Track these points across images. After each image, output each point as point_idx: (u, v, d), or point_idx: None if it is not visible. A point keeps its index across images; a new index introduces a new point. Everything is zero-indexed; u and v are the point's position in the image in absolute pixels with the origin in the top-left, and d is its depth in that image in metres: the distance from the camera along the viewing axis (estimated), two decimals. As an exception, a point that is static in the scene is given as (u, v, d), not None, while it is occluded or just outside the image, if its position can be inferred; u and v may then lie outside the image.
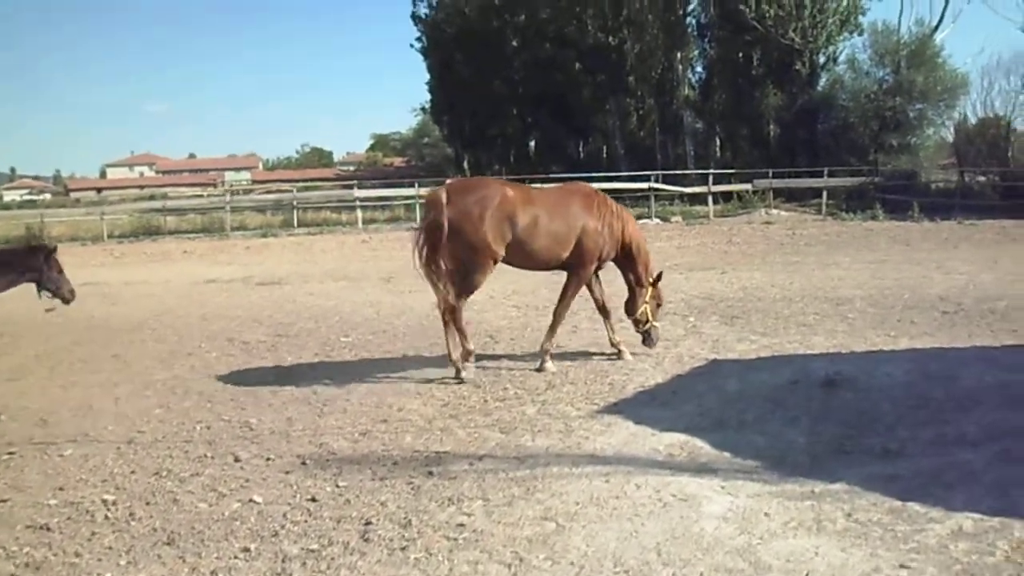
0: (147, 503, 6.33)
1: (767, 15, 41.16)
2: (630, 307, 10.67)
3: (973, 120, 43.19)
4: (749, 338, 11.47)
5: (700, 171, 39.90)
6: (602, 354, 10.72)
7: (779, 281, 16.78)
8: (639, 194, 33.79)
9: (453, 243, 9.24)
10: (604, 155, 53.05)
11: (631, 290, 10.72)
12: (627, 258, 10.54)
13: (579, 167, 44.84)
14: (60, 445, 7.84)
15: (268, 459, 7.20)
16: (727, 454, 6.75)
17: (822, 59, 43.71)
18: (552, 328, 10.26)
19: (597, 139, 54.97)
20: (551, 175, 37.86)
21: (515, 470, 6.63)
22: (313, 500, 6.25)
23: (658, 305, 10.83)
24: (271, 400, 9.26)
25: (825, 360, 9.73)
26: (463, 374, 9.61)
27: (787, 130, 43.81)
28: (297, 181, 77.85)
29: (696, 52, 49.94)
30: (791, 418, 7.63)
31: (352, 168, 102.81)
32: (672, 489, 5.99)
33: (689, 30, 49.21)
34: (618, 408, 8.22)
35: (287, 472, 6.87)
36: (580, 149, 56.86)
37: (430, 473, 6.66)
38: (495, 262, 9.63)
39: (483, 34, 53.79)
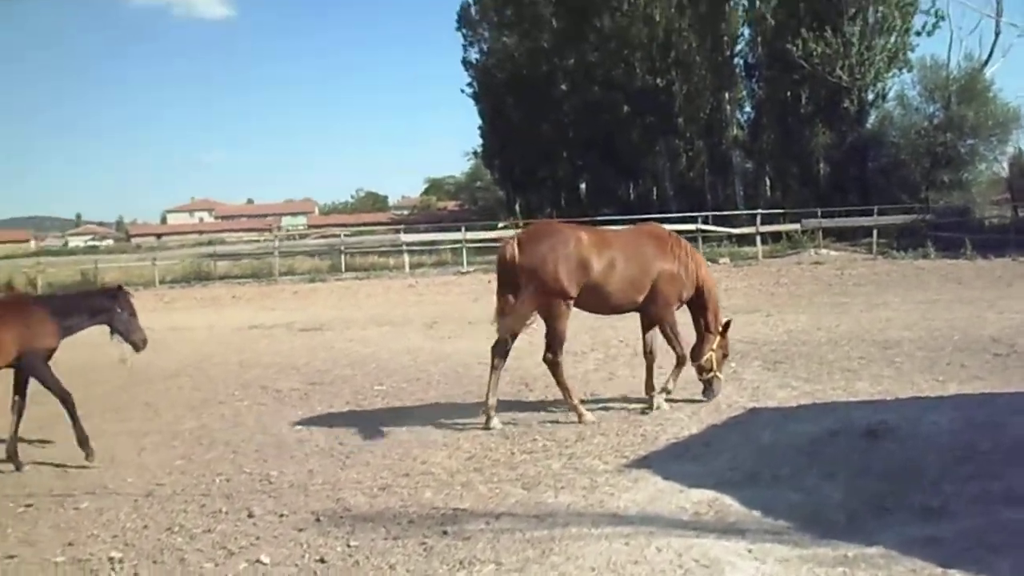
0: (154, 561, 6.20)
1: (814, 53, 40.69)
2: (696, 353, 10.40)
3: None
4: (791, 384, 11.10)
5: (748, 211, 39.44)
6: (640, 401, 10.38)
7: (825, 323, 16.34)
8: (687, 235, 33.28)
9: (528, 291, 9.15)
10: (654, 196, 52.68)
11: (699, 335, 10.48)
12: (698, 301, 10.39)
13: (629, 209, 44.52)
14: (77, 497, 7.76)
15: (282, 515, 7.03)
16: (757, 512, 6.42)
17: (871, 96, 43.12)
18: (676, 369, 10.33)
19: (647, 181, 54.61)
20: (601, 217, 37.58)
21: (533, 530, 6.36)
22: (322, 561, 6.06)
23: (724, 356, 10.61)
24: (295, 452, 9.10)
25: (868, 408, 9.35)
26: (492, 422, 9.50)
27: (837, 168, 43.23)
28: (351, 225, 78.57)
29: (744, 92, 49.50)
30: (828, 472, 7.27)
31: (406, 212, 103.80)
32: (695, 553, 5.68)
33: (737, 70, 48.80)
34: (647, 462, 7.91)
35: (300, 529, 6.69)
36: (630, 191, 56.58)
37: (444, 532, 6.44)
38: (569, 307, 9.45)
39: (532, 79, 54.14)
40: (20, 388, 8.76)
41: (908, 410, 9.18)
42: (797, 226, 33.83)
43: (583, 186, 60.44)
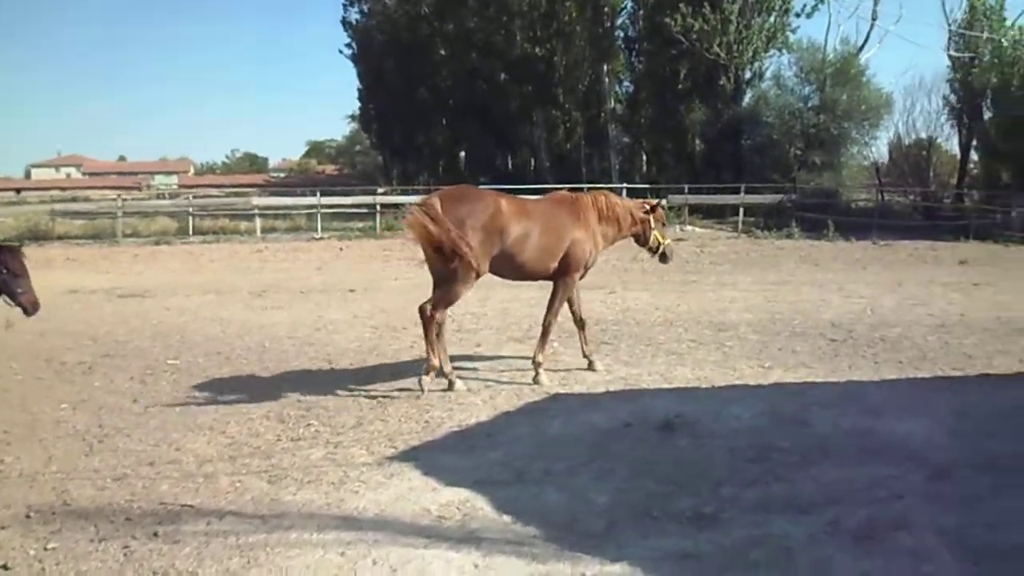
0: None
1: (692, 29, 40.41)
2: (641, 242, 11.00)
3: (907, 141, 42.96)
4: (608, 368, 10.39)
5: (614, 185, 38.94)
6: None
7: (666, 303, 15.79)
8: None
9: (439, 252, 8.84)
10: (532, 167, 52.07)
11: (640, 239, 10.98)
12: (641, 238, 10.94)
13: (506, 179, 43.62)
14: None
15: (-8, 509, 6.01)
16: (508, 517, 5.65)
17: (748, 75, 43.05)
18: (542, 339, 9.91)
19: (524, 151, 53.97)
20: (480, 187, 36.59)
21: (252, 533, 5.52)
22: (4, 568, 5.16)
23: (663, 225, 11.31)
24: (45, 434, 8.06)
25: (673, 398, 8.68)
26: (455, 385, 9.26)
27: (712, 146, 43.12)
28: (225, 186, 76.15)
29: (624, 65, 49.09)
30: (606, 470, 6.55)
31: (283, 175, 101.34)
32: (411, 570, 4.89)
33: (617, 43, 48.35)
34: (416, 453, 7.09)
35: (2, 528, 5.73)
36: (508, 161, 55.84)
37: (155, 534, 5.58)
38: (478, 275, 9.22)
39: (412, 42, 52.84)
40: None
41: (714, 401, 8.56)
42: (663, 202, 33.34)
43: (463, 155, 59.46)
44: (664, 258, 11.09)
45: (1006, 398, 8.85)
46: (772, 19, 43.08)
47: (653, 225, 10.84)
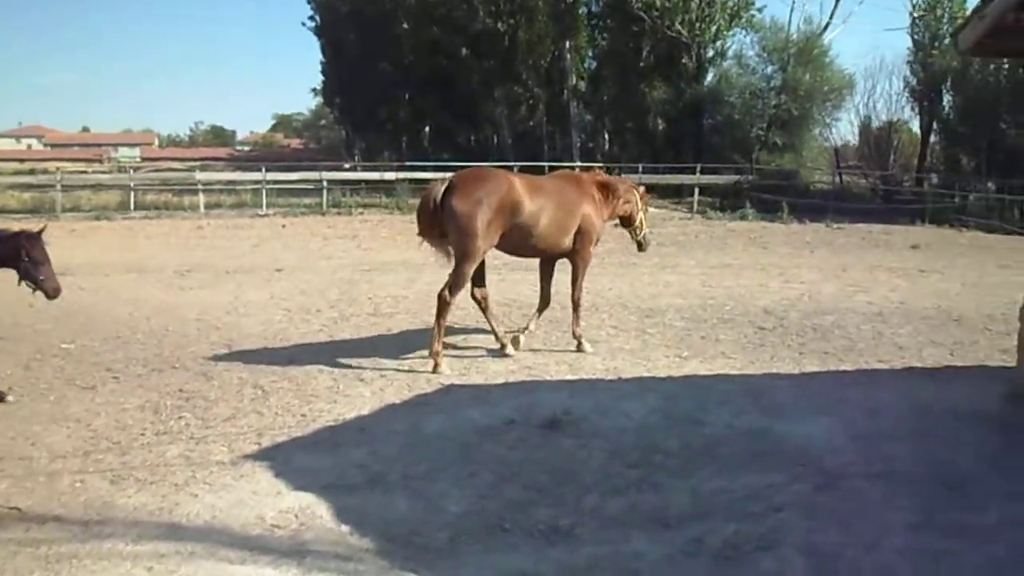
0: None
1: (654, 5, 39.90)
2: (626, 223, 11.57)
3: (877, 122, 42.71)
4: (515, 356, 9.93)
5: (569, 164, 38.44)
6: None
7: (598, 286, 15.27)
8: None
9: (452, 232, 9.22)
10: (495, 144, 51.41)
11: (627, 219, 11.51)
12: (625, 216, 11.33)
13: (469, 156, 42.99)
14: None
15: None
16: (346, 528, 5.20)
17: (710, 54, 42.64)
18: (575, 313, 10.55)
19: (487, 128, 53.27)
20: (441, 162, 36.10)
21: (67, 542, 5.08)
22: None
23: (646, 210, 11.85)
24: None
25: (566, 391, 8.23)
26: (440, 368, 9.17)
27: (673, 125, 42.65)
28: (188, 160, 75.01)
29: (587, 42, 48.44)
30: (469, 474, 6.09)
31: (248, 148, 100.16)
32: (216, 591, 4.40)
33: (581, 19, 47.69)
34: (275, 452, 6.62)
35: None
36: (471, 137, 55.11)
37: (-38, 543, 5.03)
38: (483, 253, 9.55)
39: (374, 15, 51.84)
40: None
41: (611, 395, 8.12)
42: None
43: (427, 130, 58.69)
44: (641, 246, 11.87)
45: (923, 395, 8.45)
46: (735, -2, 42.71)
47: (640, 207, 11.33)
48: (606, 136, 48.81)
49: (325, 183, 30.52)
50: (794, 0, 62.61)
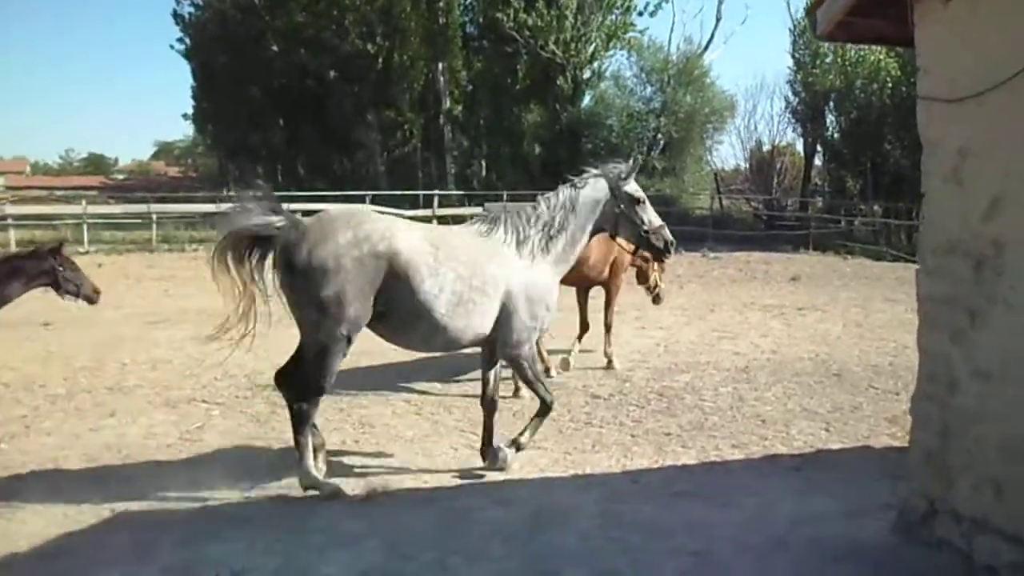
0: None
1: (526, 24, 37.86)
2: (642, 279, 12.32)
3: (757, 144, 41.19)
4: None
5: (444, 192, 36.22)
6: None
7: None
8: (354, 218, 29.19)
9: None
10: (368, 172, 48.78)
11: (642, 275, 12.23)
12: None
13: (342, 184, 40.24)
14: None
15: None
16: None
17: (587, 75, 40.80)
18: (607, 335, 11.36)
19: (362, 155, 50.59)
20: (313, 192, 33.36)
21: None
22: None
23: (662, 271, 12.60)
24: None
25: (247, 540, 5.53)
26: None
27: (550, 149, 40.53)
28: (56, 188, 70.56)
29: (461, 64, 46.16)
30: None
31: (123, 177, 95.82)
32: None
33: (455, 40, 45.42)
34: None
35: None
36: (345, 164, 52.36)
37: None
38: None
39: (244, 37, 49.14)
40: None
41: (315, 540, 5.45)
42: (479, 210, 30.36)
43: (304, 157, 55.98)
44: (658, 299, 12.54)
45: (779, 513, 6.04)
46: (614, 16, 41.05)
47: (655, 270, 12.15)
48: (482, 162, 46.56)
49: (155, 216, 27.32)
50: (674, 20, 62.00)
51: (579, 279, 10.35)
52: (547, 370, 10.24)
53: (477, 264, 6.50)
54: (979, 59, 4.77)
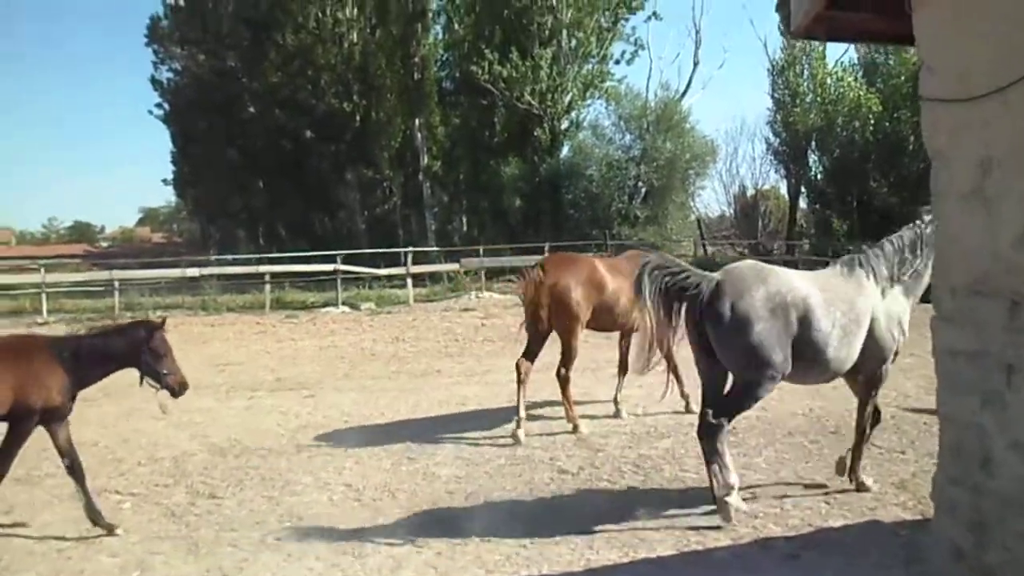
0: None
1: (501, 76, 37.17)
2: None
3: (740, 189, 40.42)
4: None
5: (425, 248, 35.17)
6: None
7: (353, 410, 11.59)
8: (324, 277, 28.15)
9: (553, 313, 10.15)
10: (350, 231, 47.91)
11: None
12: None
13: (324, 244, 39.28)
14: None
15: None
16: None
17: (565, 125, 40.08)
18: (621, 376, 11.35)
19: (342, 214, 49.74)
20: (296, 252, 32.35)
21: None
22: None
23: None
24: None
25: None
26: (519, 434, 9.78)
27: (530, 202, 39.68)
28: (40, 258, 69.72)
29: (439, 120, 45.46)
30: None
31: (107, 245, 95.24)
32: None
33: (432, 96, 44.75)
34: None
35: None
36: (326, 224, 51.49)
37: None
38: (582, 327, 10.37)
39: (221, 100, 48.74)
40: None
41: None
42: (455, 266, 29.27)
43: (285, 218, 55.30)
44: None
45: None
46: (590, 66, 40.47)
47: None
48: (463, 218, 45.66)
49: (117, 283, 26.14)
50: (651, 67, 61.63)
51: (608, 325, 10.84)
52: (575, 428, 10.22)
53: (850, 300, 7.27)
54: (999, 47, 3.71)
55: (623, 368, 11.33)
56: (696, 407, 10.57)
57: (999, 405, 3.80)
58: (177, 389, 7.41)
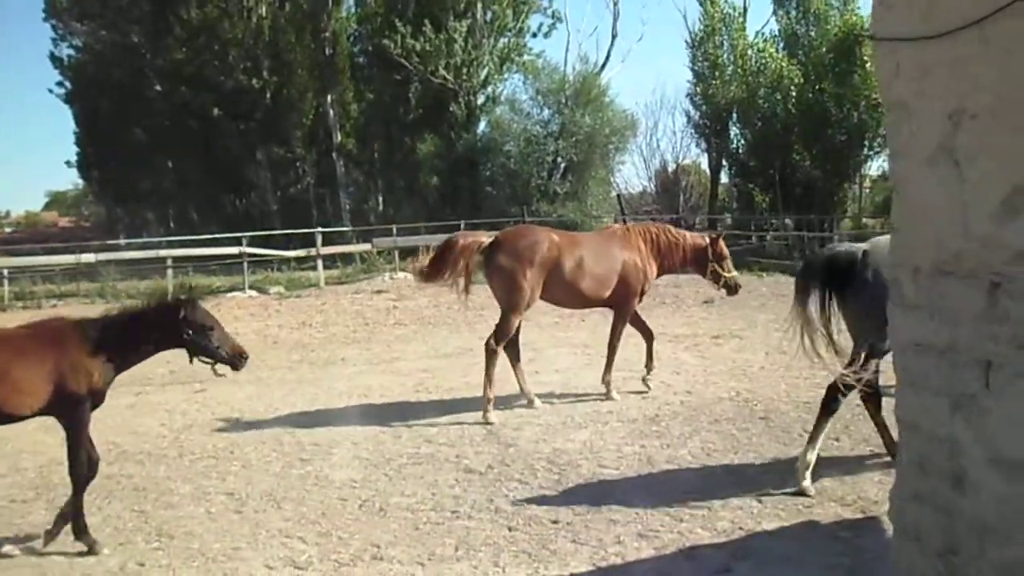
0: None
1: (414, 50, 36.12)
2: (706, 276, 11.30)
3: (661, 163, 39.99)
4: None
5: (340, 229, 34.14)
6: None
7: (245, 405, 10.69)
8: (230, 260, 26.92)
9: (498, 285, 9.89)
10: (262, 212, 46.42)
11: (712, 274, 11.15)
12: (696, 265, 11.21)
13: (235, 226, 37.68)
14: None
15: None
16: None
17: (481, 100, 39.13)
18: (608, 362, 10.47)
19: (255, 195, 48.21)
20: (209, 235, 30.82)
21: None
22: None
23: (724, 257, 11.21)
24: None
25: None
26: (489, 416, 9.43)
27: (447, 179, 38.74)
28: (-61, 246, 67.33)
29: (352, 96, 44.23)
30: None
31: (10, 231, 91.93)
32: None
33: (345, 71, 43.50)
34: None
35: None
36: (237, 205, 49.92)
37: None
38: (528, 304, 10.04)
39: (124, 77, 47.10)
40: None
41: None
42: (367, 247, 28.19)
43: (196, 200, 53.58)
44: (731, 290, 11.39)
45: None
46: (506, 40, 39.59)
47: (712, 258, 10.97)
48: (379, 197, 44.57)
49: (6, 272, 24.59)
50: (568, 40, 60.95)
51: (574, 298, 10.39)
52: (485, 417, 9.48)
53: None
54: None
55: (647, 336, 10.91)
56: (616, 395, 10.28)
57: (974, 410, 3.06)
58: (238, 361, 6.74)
